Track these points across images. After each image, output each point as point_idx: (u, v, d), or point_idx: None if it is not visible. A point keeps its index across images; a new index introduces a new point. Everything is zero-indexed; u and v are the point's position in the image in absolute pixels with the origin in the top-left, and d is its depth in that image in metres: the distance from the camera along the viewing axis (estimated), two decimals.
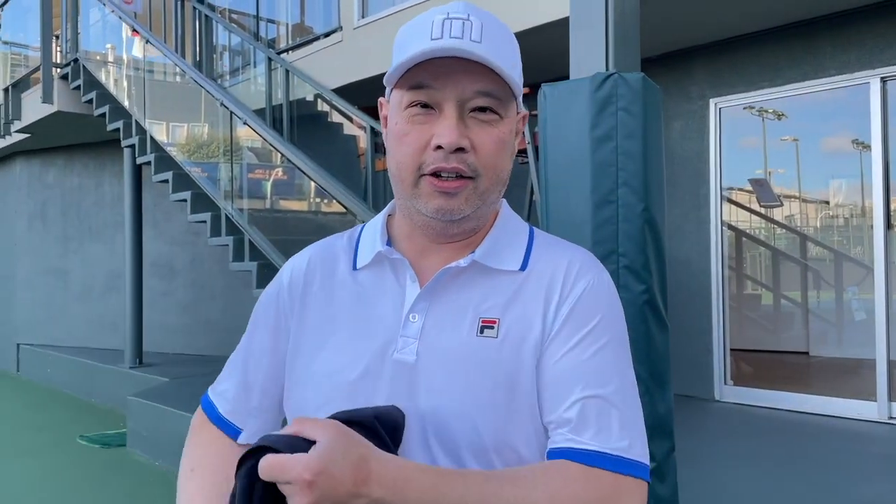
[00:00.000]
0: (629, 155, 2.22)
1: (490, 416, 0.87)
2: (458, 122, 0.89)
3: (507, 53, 0.92)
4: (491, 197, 0.94)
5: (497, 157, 0.92)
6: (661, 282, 2.29)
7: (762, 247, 6.41)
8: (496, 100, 0.91)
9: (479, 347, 0.90)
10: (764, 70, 5.16)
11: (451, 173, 0.89)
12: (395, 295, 0.96)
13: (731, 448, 4.17)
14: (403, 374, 0.91)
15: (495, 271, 0.95)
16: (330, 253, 1.04)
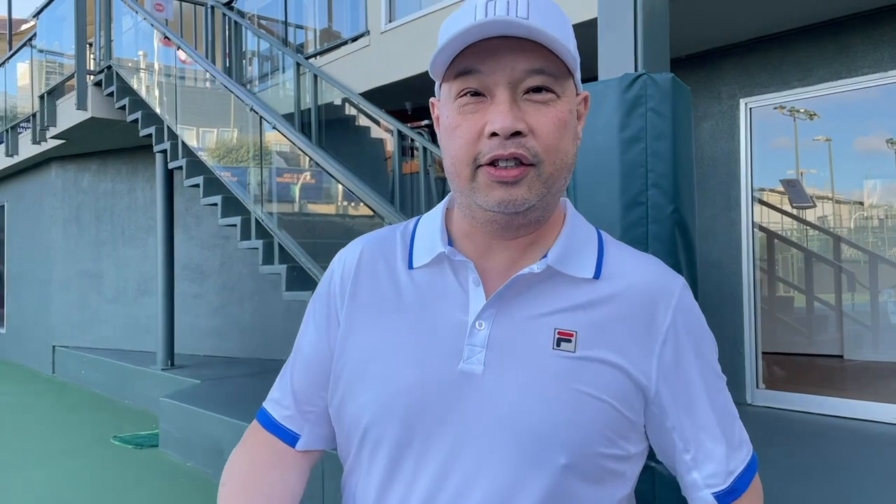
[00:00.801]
0: (659, 156, 2.20)
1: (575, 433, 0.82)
2: (511, 106, 0.82)
3: (558, 25, 0.83)
4: (557, 184, 0.86)
5: (559, 139, 0.84)
6: (693, 285, 2.27)
7: (794, 248, 6.31)
8: (550, 77, 0.83)
9: (555, 360, 0.84)
10: (796, 69, 5.08)
11: (510, 161, 0.82)
12: (458, 299, 0.89)
13: (764, 452, 4.10)
14: (471, 386, 0.84)
15: (569, 278, 0.88)
16: (384, 247, 0.97)
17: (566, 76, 0.86)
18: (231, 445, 4.95)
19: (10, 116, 10.91)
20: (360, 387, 0.90)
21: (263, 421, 1.04)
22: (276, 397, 1.03)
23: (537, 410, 0.82)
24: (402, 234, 0.97)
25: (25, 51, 10.28)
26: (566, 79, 0.86)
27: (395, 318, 0.91)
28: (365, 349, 0.91)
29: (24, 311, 11.61)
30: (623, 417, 0.85)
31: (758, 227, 5.42)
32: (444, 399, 0.85)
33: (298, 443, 1.00)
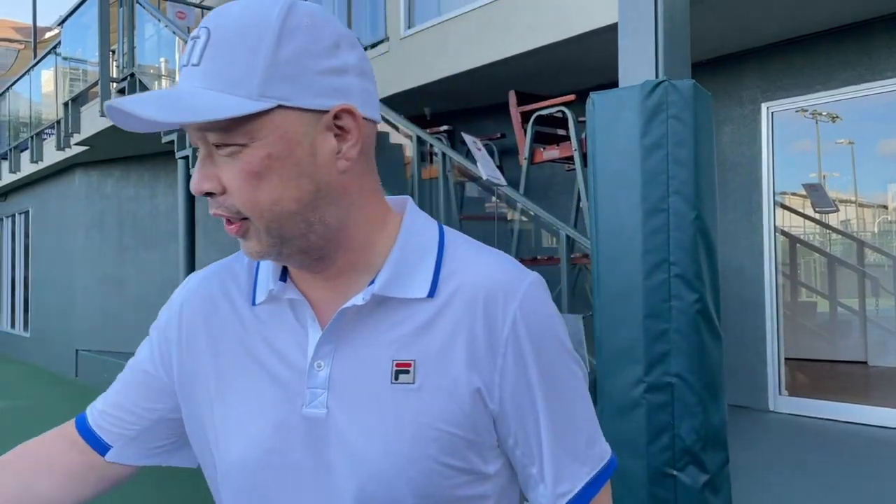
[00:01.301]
0: (680, 163, 2.20)
1: (422, 470, 0.77)
2: (204, 163, 0.74)
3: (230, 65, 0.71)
4: (290, 231, 0.75)
5: (254, 191, 0.73)
6: (715, 291, 2.26)
7: (817, 253, 6.25)
8: (222, 132, 0.72)
9: (394, 395, 0.78)
10: (818, 73, 5.04)
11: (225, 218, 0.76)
12: (299, 338, 0.82)
13: (787, 460, 4.07)
14: (317, 430, 0.79)
15: (402, 301, 0.80)
16: (222, 282, 0.89)
17: (257, 116, 0.71)
18: None
19: (35, 123, 11.09)
20: (204, 435, 0.86)
21: (79, 423, 0.97)
22: (98, 406, 0.97)
23: (378, 453, 0.77)
24: (248, 265, 0.89)
25: (50, 58, 10.45)
26: (255, 120, 0.71)
27: (241, 360, 0.84)
28: (209, 394, 0.85)
29: (47, 315, 11.78)
30: (472, 443, 0.79)
31: (780, 231, 5.38)
32: (295, 446, 0.80)
33: (109, 454, 0.94)
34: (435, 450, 0.77)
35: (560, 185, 6.52)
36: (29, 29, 19.20)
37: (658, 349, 2.20)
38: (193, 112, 0.69)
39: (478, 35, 5.79)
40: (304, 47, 0.72)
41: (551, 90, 5.87)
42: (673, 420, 2.18)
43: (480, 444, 0.80)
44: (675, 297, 2.19)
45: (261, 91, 0.71)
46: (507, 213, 5.88)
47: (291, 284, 0.83)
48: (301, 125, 0.73)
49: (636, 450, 2.21)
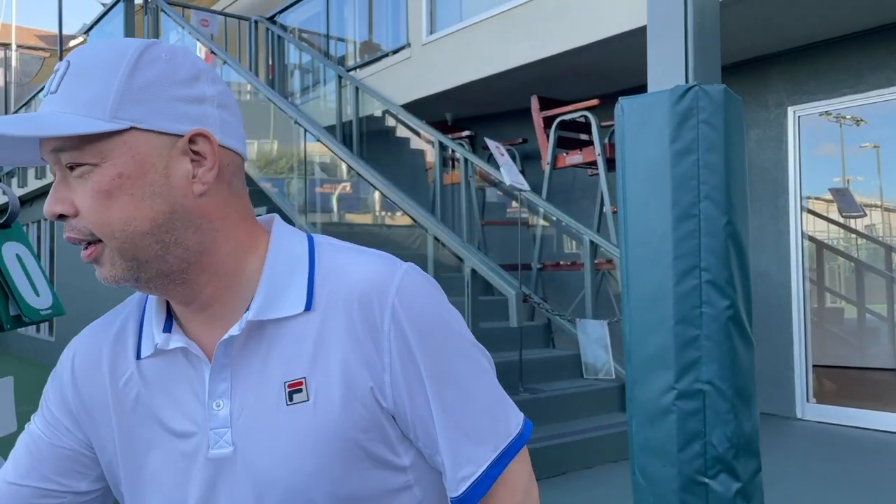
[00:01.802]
0: (711, 168, 2.18)
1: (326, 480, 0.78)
2: (56, 187, 0.75)
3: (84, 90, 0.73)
4: (144, 254, 0.75)
5: (104, 212, 0.73)
6: (746, 296, 2.24)
7: (843, 258, 6.17)
8: (72, 151, 0.72)
9: (292, 416, 0.78)
10: (845, 76, 4.99)
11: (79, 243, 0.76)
12: (193, 384, 0.81)
13: (816, 468, 4.02)
14: (226, 469, 0.79)
15: (282, 321, 0.79)
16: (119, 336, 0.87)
17: (108, 136, 0.73)
18: None
19: None
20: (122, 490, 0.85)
21: None
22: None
23: (284, 475, 0.78)
24: (134, 318, 0.87)
25: None
26: (106, 139, 0.73)
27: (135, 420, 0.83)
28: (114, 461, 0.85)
29: (72, 320, 11.91)
30: (377, 443, 0.80)
31: (806, 236, 5.31)
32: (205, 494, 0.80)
33: None
34: (341, 458, 0.78)
35: (582, 189, 6.49)
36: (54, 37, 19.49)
37: (689, 356, 2.17)
38: (41, 127, 0.70)
39: (500, 40, 5.80)
40: (160, 76, 0.75)
41: (574, 95, 5.85)
42: (704, 427, 2.15)
43: (386, 440, 0.81)
44: (706, 304, 2.16)
45: (113, 113, 0.72)
46: (529, 219, 5.87)
47: (177, 331, 0.82)
48: (154, 147, 0.74)
49: (667, 457, 2.19)
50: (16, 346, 14.83)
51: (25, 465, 0.87)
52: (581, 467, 3.89)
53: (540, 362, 4.63)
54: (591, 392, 4.47)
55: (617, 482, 3.59)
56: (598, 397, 4.49)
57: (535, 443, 3.70)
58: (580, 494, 3.57)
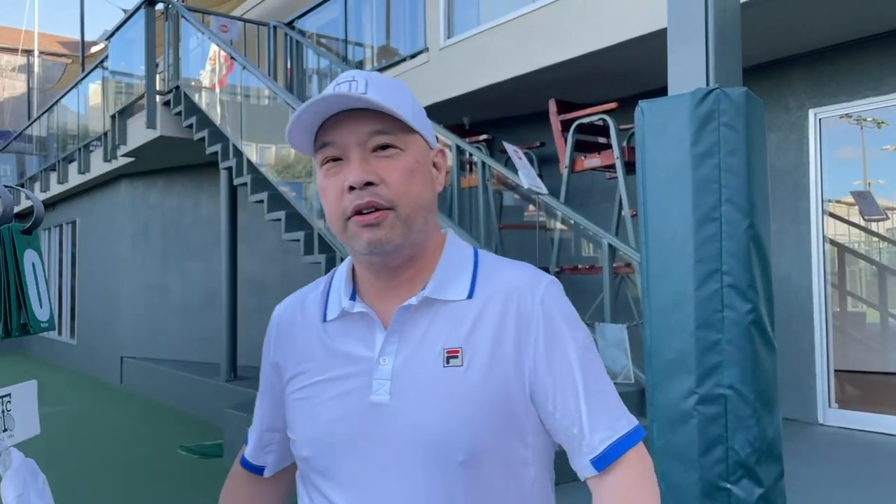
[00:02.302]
0: (732, 171, 2.17)
1: (470, 435, 0.96)
2: (361, 162, 0.97)
3: (393, 95, 1.00)
4: (417, 224, 1.00)
5: (407, 185, 0.98)
6: (768, 301, 2.22)
7: (865, 262, 6.09)
8: (390, 135, 0.98)
9: (447, 377, 0.98)
10: (867, 78, 4.94)
11: (369, 208, 0.97)
12: (367, 339, 1.03)
13: (838, 474, 3.97)
14: (381, 414, 0.98)
15: (448, 303, 1.02)
16: (309, 303, 1.12)
17: (408, 132, 1.00)
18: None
19: (83, 135, 11.38)
20: (295, 424, 1.07)
21: (242, 458, 1.24)
22: (247, 440, 1.23)
23: (434, 423, 0.96)
24: (322, 290, 1.12)
25: (97, 72, 10.73)
26: (408, 134, 1.00)
27: (318, 365, 1.05)
28: (298, 392, 1.07)
29: (93, 323, 12.05)
30: (510, 413, 0.99)
31: (827, 240, 5.26)
32: (362, 428, 0.99)
33: (266, 471, 1.20)
34: (481, 416, 0.96)
35: (600, 193, 6.47)
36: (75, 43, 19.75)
37: (710, 360, 2.16)
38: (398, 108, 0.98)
39: (517, 44, 5.80)
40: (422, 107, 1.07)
41: (592, 98, 5.84)
42: (726, 432, 2.14)
43: (517, 413, 0.99)
44: (727, 308, 2.15)
45: (412, 119, 1.00)
46: (547, 222, 5.86)
47: (360, 301, 1.05)
48: (425, 151, 1.04)
49: (689, 462, 2.17)
50: (37, 349, 15.00)
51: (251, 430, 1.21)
52: None
53: None
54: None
55: None
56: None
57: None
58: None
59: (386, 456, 0.98)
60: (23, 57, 22.50)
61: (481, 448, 0.96)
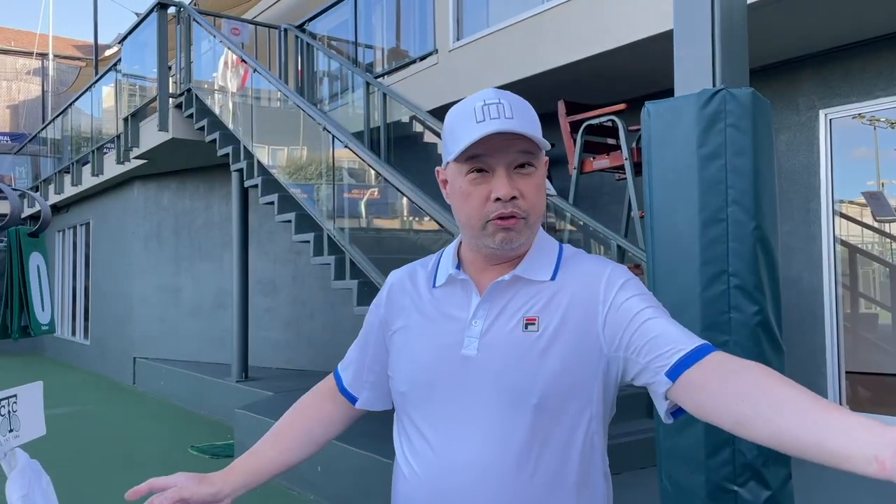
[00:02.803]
0: (739, 172, 2.17)
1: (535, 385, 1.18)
2: (507, 179, 1.18)
3: (532, 120, 1.21)
4: (536, 227, 1.26)
5: (538, 199, 1.23)
6: (775, 302, 2.22)
7: (877, 263, 6.05)
8: (531, 155, 1.20)
9: (524, 339, 1.21)
10: (878, 78, 4.91)
11: (510, 217, 1.19)
12: (463, 305, 1.27)
13: (849, 477, 3.94)
14: (469, 364, 1.22)
15: (533, 282, 1.25)
16: (419, 273, 1.37)
17: (539, 152, 1.22)
18: None
19: (96, 138, 11.47)
20: (398, 365, 1.31)
21: (337, 379, 1.46)
22: (344, 365, 1.46)
23: (513, 373, 1.19)
24: (431, 263, 1.37)
25: (110, 75, 10.81)
26: (539, 154, 1.22)
27: (423, 321, 1.30)
28: (405, 345, 1.31)
29: (106, 323, 12.14)
30: (578, 371, 1.20)
31: (839, 241, 5.23)
32: (452, 374, 1.23)
33: (357, 403, 1.43)
34: (551, 371, 1.18)
35: (609, 194, 6.46)
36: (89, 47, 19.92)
37: None
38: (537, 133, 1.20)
39: (526, 46, 5.80)
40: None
41: (601, 99, 5.83)
42: (733, 434, 2.14)
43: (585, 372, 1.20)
44: (734, 309, 2.15)
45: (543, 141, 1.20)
46: (556, 223, 5.86)
47: (463, 272, 1.29)
48: (544, 166, 1.25)
49: (695, 465, 2.17)
50: (51, 350, 15.13)
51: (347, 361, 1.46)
52: None
53: None
54: (618, 398, 4.44)
55: (644, 489, 3.56)
56: (624, 403, 4.43)
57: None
58: None
59: (470, 398, 1.20)
60: (37, 60, 22.70)
61: (549, 396, 1.18)
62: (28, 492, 1.24)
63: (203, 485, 1.26)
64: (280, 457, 1.38)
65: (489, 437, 1.18)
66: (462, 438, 1.20)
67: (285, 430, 1.41)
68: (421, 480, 1.23)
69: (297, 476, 5.21)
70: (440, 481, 1.21)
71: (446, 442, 1.21)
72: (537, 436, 1.18)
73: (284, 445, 1.39)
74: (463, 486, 1.18)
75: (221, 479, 1.30)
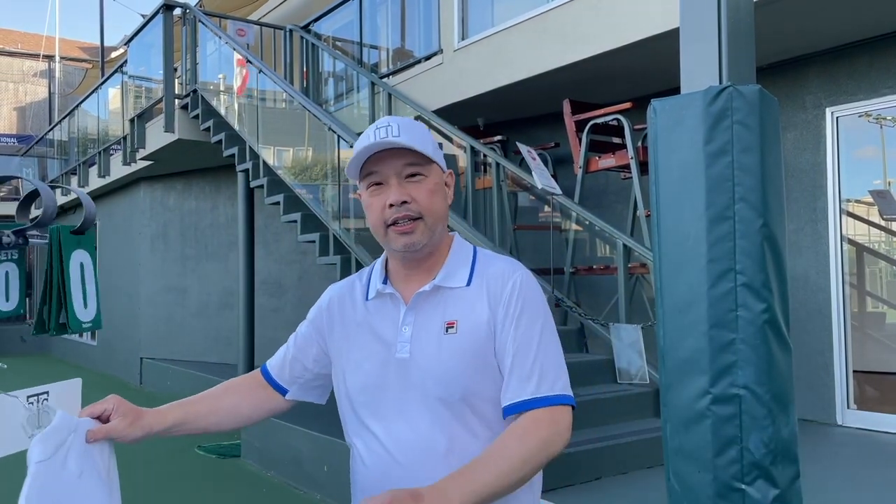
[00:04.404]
0: (746, 169, 2.15)
1: (462, 380, 1.35)
2: (398, 187, 1.37)
3: (418, 137, 1.38)
4: (437, 229, 1.41)
5: (431, 202, 1.38)
6: (783, 300, 2.20)
7: (885, 262, 6.02)
8: (418, 166, 1.38)
9: (447, 341, 1.37)
10: (885, 76, 4.88)
11: (404, 219, 1.36)
12: (394, 314, 1.44)
13: (857, 475, 3.93)
14: (404, 367, 1.39)
15: (452, 289, 1.42)
16: (356, 286, 1.54)
17: (429, 162, 1.39)
18: (310, 456, 5.09)
19: (103, 139, 11.50)
20: (345, 375, 1.46)
21: (265, 373, 1.60)
22: (274, 363, 1.60)
23: (439, 372, 1.35)
24: (366, 277, 1.53)
25: (116, 76, 10.84)
26: (430, 164, 1.40)
27: (361, 331, 1.47)
28: (344, 353, 1.47)
29: (113, 324, 12.16)
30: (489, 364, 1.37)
31: (846, 239, 5.20)
32: (390, 376, 1.39)
33: (288, 394, 1.58)
34: (472, 364, 1.36)
35: (615, 193, 6.45)
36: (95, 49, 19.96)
37: (724, 360, 2.15)
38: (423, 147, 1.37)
39: (531, 45, 5.79)
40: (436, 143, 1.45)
41: (606, 98, 5.82)
42: (741, 433, 2.12)
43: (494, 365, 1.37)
44: (741, 307, 2.13)
45: (432, 153, 1.40)
46: (562, 223, 5.85)
47: (390, 286, 1.47)
48: (439, 175, 1.43)
49: (703, 463, 2.16)
50: (58, 349, 15.18)
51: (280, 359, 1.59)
52: (615, 472, 3.86)
53: (573, 367, 4.55)
54: (625, 397, 4.43)
55: (652, 488, 3.55)
56: (632, 402, 4.44)
57: (569, 447, 3.67)
58: (615, 500, 3.54)
59: (408, 395, 1.37)
60: (44, 62, 22.78)
61: (471, 389, 1.35)
62: (49, 457, 1.17)
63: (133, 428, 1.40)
64: (207, 416, 1.50)
65: (424, 428, 1.35)
66: (403, 430, 1.37)
67: (219, 395, 1.54)
68: (372, 468, 1.40)
69: (304, 476, 5.21)
70: (388, 467, 1.37)
71: (390, 434, 1.38)
72: (465, 423, 1.35)
73: (214, 407, 1.51)
74: (405, 467, 1.35)
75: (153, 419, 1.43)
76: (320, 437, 5.03)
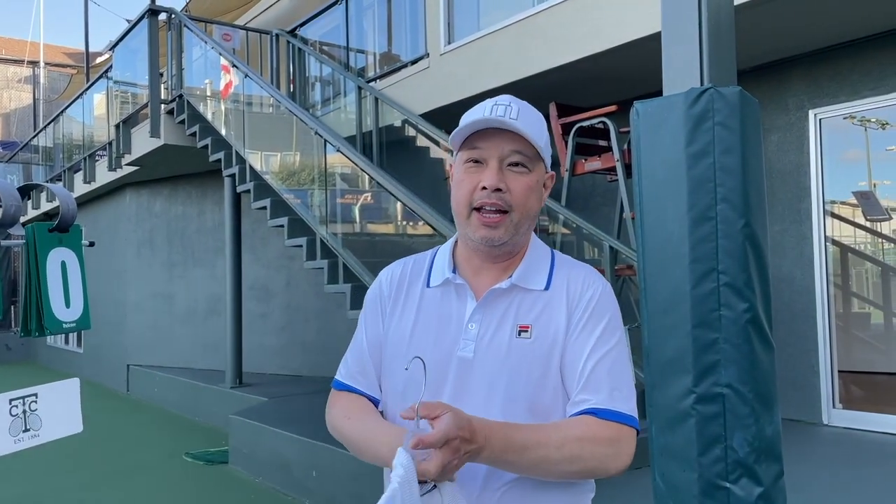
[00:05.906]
0: (727, 170, 2.17)
1: (528, 389, 1.25)
2: (497, 171, 1.27)
3: (535, 127, 1.29)
4: (522, 228, 1.30)
5: (526, 198, 1.29)
6: (765, 299, 2.22)
7: (869, 263, 6.08)
8: (525, 157, 1.28)
9: (517, 345, 1.28)
10: (867, 78, 4.93)
11: (492, 208, 1.26)
12: (459, 307, 1.32)
13: (842, 474, 3.95)
14: (465, 366, 1.28)
15: (529, 290, 1.32)
16: (413, 270, 1.41)
17: (537, 159, 1.31)
18: (298, 461, 5.07)
19: (88, 145, 11.43)
20: (396, 370, 1.33)
21: (339, 385, 1.44)
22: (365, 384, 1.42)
23: (506, 377, 1.26)
24: (428, 261, 1.42)
25: (101, 82, 10.78)
26: (537, 160, 1.31)
27: (418, 323, 1.34)
28: (399, 344, 1.34)
29: (100, 331, 12.07)
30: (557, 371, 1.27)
31: (830, 240, 5.25)
32: (449, 377, 1.28)
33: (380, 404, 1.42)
34: (539, 372, 1.26)
35: (601, 196, 6.47)
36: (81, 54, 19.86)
37: (708, 359, 2.16)
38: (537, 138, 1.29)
39: (517, 49, 5.82)
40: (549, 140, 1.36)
41: (592, 101, 5.85)
42: (725, 431, 2.13)
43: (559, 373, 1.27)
44: (724, 307, 2.15)
45: (543, 149, 1.31)
46: (549, 226, 5.86)
47: (459, 276, 1.35)
48: (543, 174, 1.34)
49: (687, 462, 2.17)
50: (45, 357, 15.05)
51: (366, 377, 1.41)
52: None
53: None
54: None
55: (637, 487, 3.56)
56: None
57: None
58: (600, 500, 3.54)
59: (465, 398, 1.25)
60: (29, 68, 22.65)
61: (532, 399, 1.26)
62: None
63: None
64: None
65: None
66: None
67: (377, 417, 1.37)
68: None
69: (292, 481, 5.19)
70: None
71: None
72: None
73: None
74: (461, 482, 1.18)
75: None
76: (308, 443, 5.01)
